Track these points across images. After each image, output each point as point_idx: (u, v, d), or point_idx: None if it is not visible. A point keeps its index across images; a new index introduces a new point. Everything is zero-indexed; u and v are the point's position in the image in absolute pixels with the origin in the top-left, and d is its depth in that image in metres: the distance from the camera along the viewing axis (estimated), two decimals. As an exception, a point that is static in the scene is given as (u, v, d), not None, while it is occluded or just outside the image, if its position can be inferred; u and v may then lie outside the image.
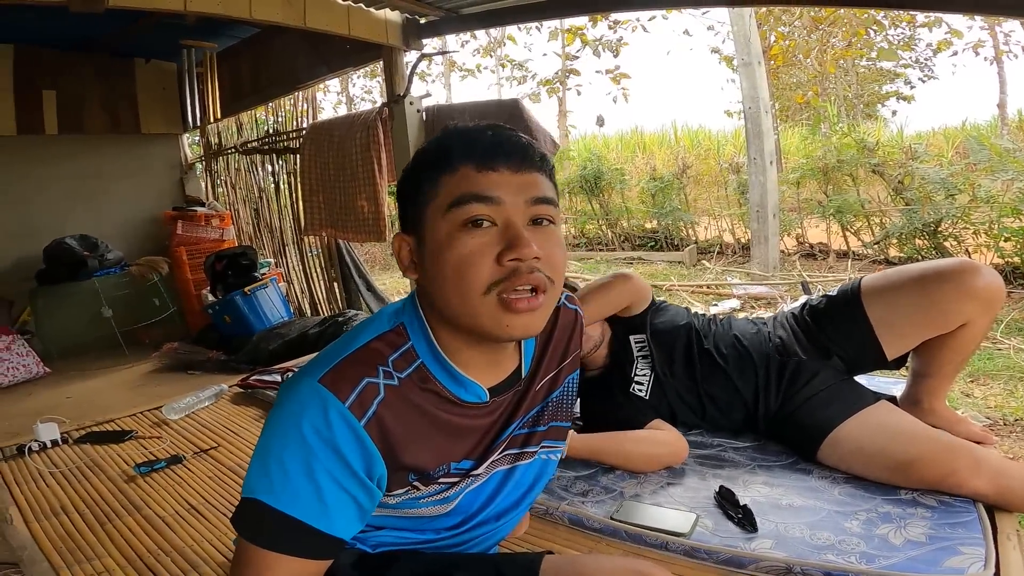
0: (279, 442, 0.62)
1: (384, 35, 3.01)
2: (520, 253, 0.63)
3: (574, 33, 7.77)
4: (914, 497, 1.11)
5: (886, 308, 1.32)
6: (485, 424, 0.74)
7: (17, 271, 3.72)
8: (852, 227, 5.15)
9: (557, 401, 0.84)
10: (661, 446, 1.32)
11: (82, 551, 1.18)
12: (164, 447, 1.67)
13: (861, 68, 11.27)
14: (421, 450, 0.68)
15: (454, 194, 0.65)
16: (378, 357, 0.66)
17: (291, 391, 0.64)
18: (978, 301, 1.21)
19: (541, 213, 0.67)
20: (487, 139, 0.67)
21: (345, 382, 0.63)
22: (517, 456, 0.80)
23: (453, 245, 0.64)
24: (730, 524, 1.08)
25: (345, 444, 0.61)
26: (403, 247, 0.71)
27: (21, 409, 2.89)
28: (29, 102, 3.79)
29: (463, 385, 0.71)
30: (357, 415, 0.62)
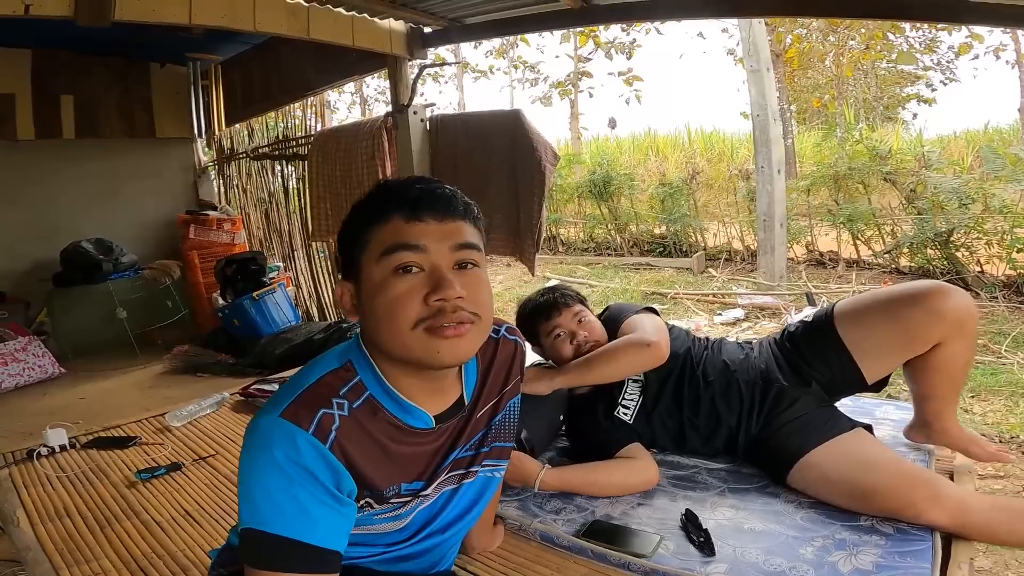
0: (259, 474, 0.67)
1: (388, 45, 3.06)
2: (444, 294, 0.70)
3: (587, 35, 7.78)
4: (873, 524, 1.13)
5: (860, 333, 1.34)
6: (432, 449, 0.81)
7: (35, 273, 3.84)
8: (863, 236, 5.10)
9: (499, 424, 0.91)
10: (632, 476, 1.35)
11: (82, 553, 1.25)
12: (165, 454, 1.73)
13: (881, 71, 11.11)
14: (374, 472, 0.75)
15: (385, 243, 0.72)
16: (330, 391, 0.73)
17: (257, 429, 0.70)
18: (947, 323, 1.24)
19: (465, 258, 0.74)
20: (415, 192, 0.74)
21: (304, 414, 0.69)
22: (463, 476, 0.87)
23: (385, 289, 0.71)
24: (691, 547, 1.11)
25: (315, 466, 0.68)
26: (345, 293, 0.78)
27: (36, 409, 2.99)
28: (47, 106, 3.90)
29: (410, 413, 0.78)
30: (321, 440, 0.69)
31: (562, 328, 1.52)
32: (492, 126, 2.92)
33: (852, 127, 6.26)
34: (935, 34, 9.06)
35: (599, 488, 1.34)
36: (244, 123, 4.55)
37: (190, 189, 4.71)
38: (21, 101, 3.78)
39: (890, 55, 9.51)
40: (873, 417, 1.62)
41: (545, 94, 9.81)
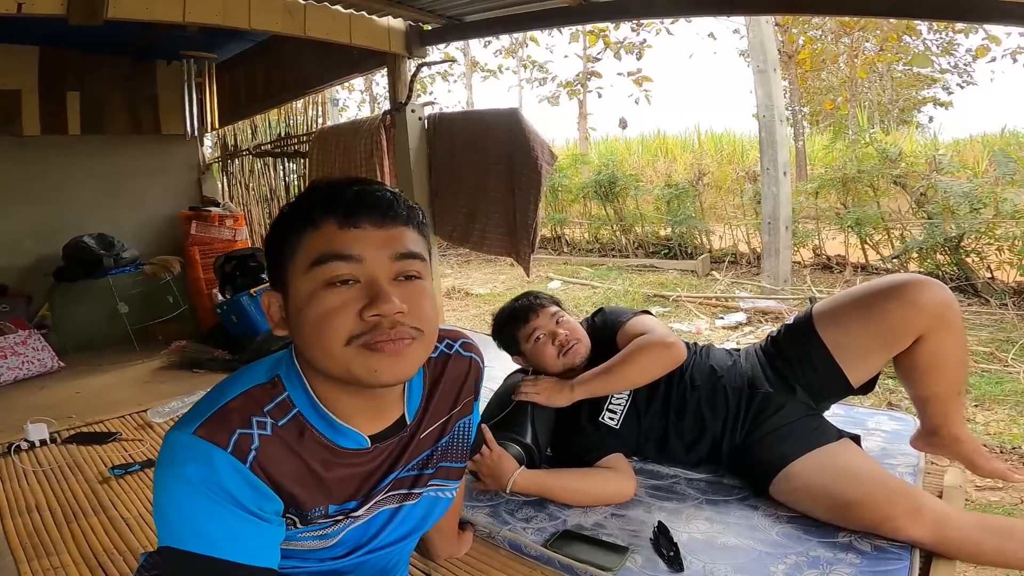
0: (171, 493, 0.62)
1: (387, 43, 3.05)
2: (381, 309, 0.63)
3: (596, 35, 7.72)
4: (851, 541, 1.09)
5: (839, 332, 1.32)
6: (367, 470, 0.75)
7: (37, 268, 3.87)
8: (871, 240, 5.01)
9: (447, 446, 0.85)
10: (608, 487, 1.32)
11: (44, 547, 1.25)
12: (143, 450, 1.73)
13: (897, 73, 10.95)
14: (299, 493, 0.69)
15: (316, 252, 0.65)
16: (251, 408, 0.67)
17: (169, 447, 0.64)
18: (924, 314, 1.20)
19: (406, 269, 0.67)
20: (350, 194, 0.66)
21: (220, 432, 0.63)
22: (404, 496, 0.81)
23: (314, 303, 0.64)
24: (660, 561, 1.08)
25: (234, 486, 0.63)
26: (272, 303, 0.70)
27: (32, 403, 3.00)
28: (53, 103, 3.93)
29: (342, 433, 0.72)
30: (240, 459, 0.63)
31: (541, 329, 1.50)
32: (490, 125, 2.90)
33: (864, 129, 6.16)
34: (952, 36, 8.89)
35: (573, 496, 1.31)
36: (247, 120, 4.57)
37: (193, 186, 4.72)
38: (28, 97, 3.81)
39: (905, 57, 9.36)
40: (865, 427, 1.58)
41: (553, 94, 9.76)
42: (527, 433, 1.39)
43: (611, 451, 1.40)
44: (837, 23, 7.77)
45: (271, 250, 0.71)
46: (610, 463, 1.38)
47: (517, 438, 1.37)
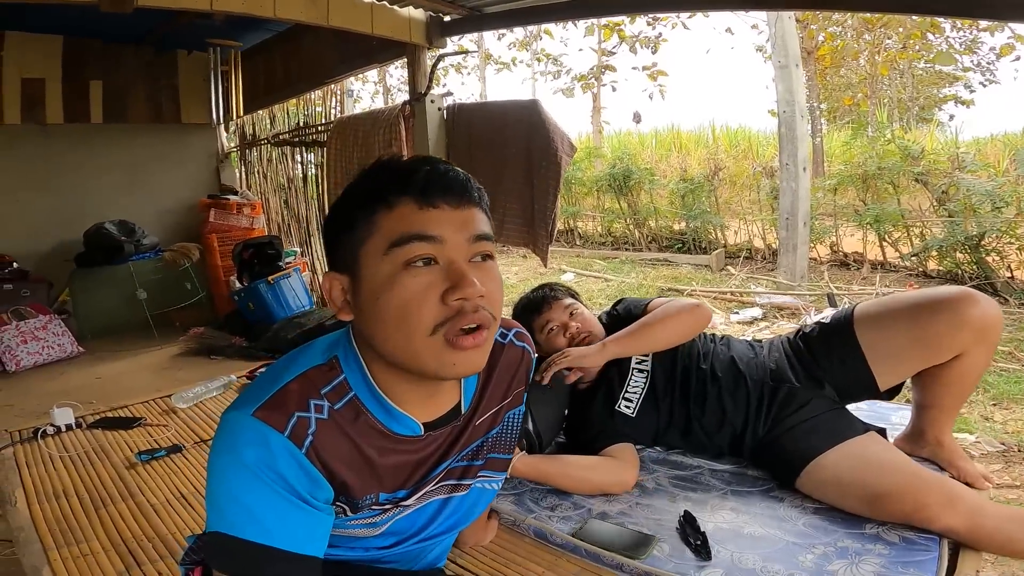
0: (226, 476, 0.62)
1: (407, 33, 3.04)
2: (465, 293, 0.62)
3: (611, 29, 7.66)
4: (878, 532, 1.09)
5: (879, 337, 1.30)
6: (419, 458, 0.74)
7: (59, 253, 3.92)
8: (890, 237, 4.96)
9: (497, 437, 0.84)
10: (607, 475, 1.31)
11: (73, 534, 1.25)
12: (168, 435, 1.74)
13: (918, 71, 10.79)
14: (351, 480, 0.68)
15: (395, 233, 0.63)
16: (309, 391, 0.66)
17: (227, 427, 0.63)
18: (972, 331, 1.20)
19: (482, 250, 0.66)
20: (425, 173, 0.64)
21: (277, 415, 0.63)
22: (454, 487, 0.80)
23: (395, 286, 0.62)
24: (687, 550, 1.08)
25: (289, 471, 0.62)
26: (335, 286, 0.68)
27: (52, 388, 3.05)
28: (77, 92, 3.97)
29: (397, 419, 0.71)
30: (296, 444, 0.63)
31: (554, 322, 1.51)
32: (509, 115, 2.89)
33: (884, 126, 6.08)
34: (976, 34, 8.74)
35: (571, 482, 1.31)
36: (267, 110, 4.59)
37: (213, 174, 4.76)
38: (51, 86, 3.85)
39: (928, 55, 9.21)
40: (889, 422, 1.56)
41: (567, 86, 9.71)
42: (527, 420, 1.40)
43: (619, 440, 1.40)
44: (859, 20, 7.66)
45: (335, 231, 0.68)
46: (615, 452, 1.37)
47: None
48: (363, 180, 0.68)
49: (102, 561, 1.17)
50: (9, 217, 3.84)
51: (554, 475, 1.32)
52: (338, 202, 0.69)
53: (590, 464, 1.33)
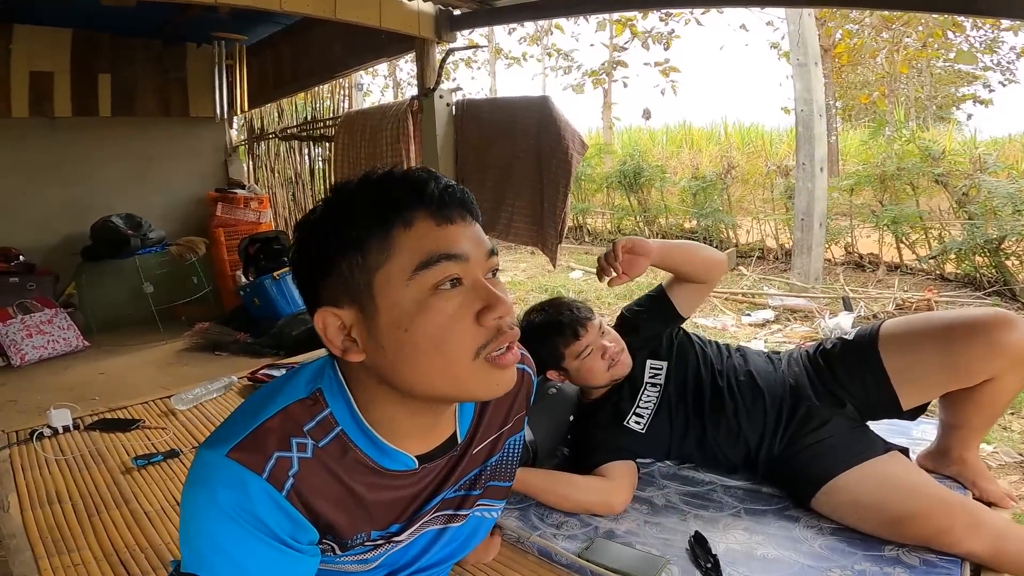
0: (200, 518, 0.58)
1: (416, 27, 2.99)
2: (500, 311, 0.58)
3: (623, 24, 7.56)
4: (898, 555, 1.04)
5: (905, 359, 1.23)
6: (412, 492, 0.70)
7: (66, 247, 3.92)
8: (907, 239, 4.85)
9: (496, 464, 0.79)
10: (592, 495, 1.25)
11: (65, 542, 1.21)
12: (166, 439, 1.70)
13: (937, 69, 10.60)
14: (339, 520, 0.64)
15: (421, 253, 0.57)
16: (291, 428, 0.61)
17: (202, 467, 0.59)
18: (1008, 358, 1.13)
19: (494, 266, 0.62)
20: (437, 187, 0.59)
21: (255, 456, 0.58)
22: (450, 518, 0.76)
23: (428, 312, 0.57)
24: (697, 572, 1.03)
25: (268, 515, 0.58)
26: (331, 324, 0.60)
27: (56, 383, 3.04)
28: (85, 85, 3.97)
29: (388, 455, 0.66)
30: (276, 487, 0.58)
31: (592, 344, 1.39)
32: (519, 112, 2.84)
33: (902, 125, 5.94)
34: (997, 34, 8.55)
35: (554, 498, 1.27)
36: (275, 103, 4.56)
37: (220, 168, 4.75)
38: (60, 79, 3.85)
39: (948, 54, 9.03)
40: (909, 437, 1.50)
41: (578, 82, 9.61)
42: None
43: (621, 456, 1.33)
44: (878, 17, 7.51)
45: (330, 260, 0.59)
46: (611, 470, 1.30)
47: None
48: (362, 197, 0.59)
49: (92, 571, 1.13)
50: (16, 210, 3.84)
51: (538, 490, 1.28)
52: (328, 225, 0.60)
53: (576, 482, 1.28)
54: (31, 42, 3.67)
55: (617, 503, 1.24)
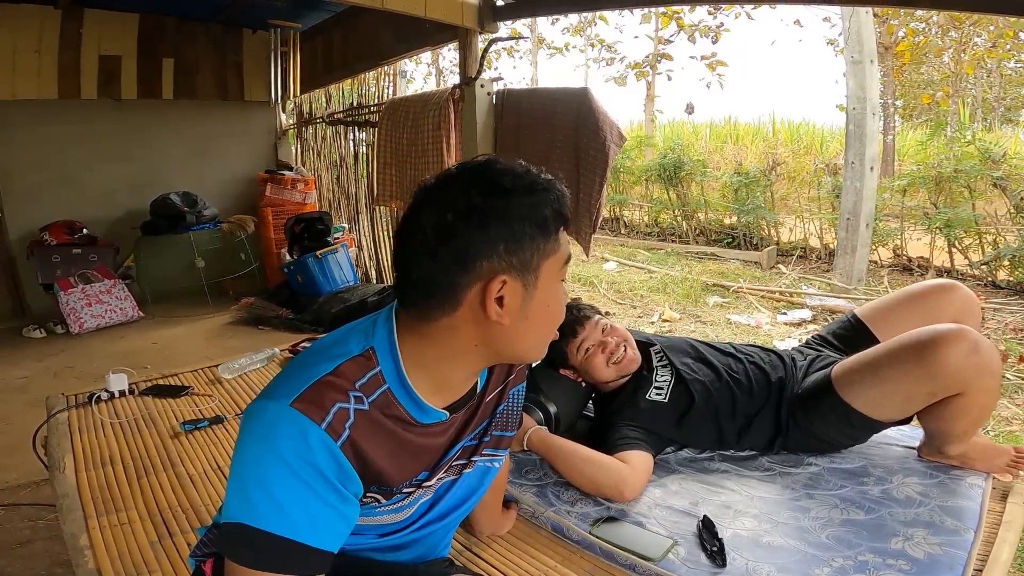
0: (258, 466, 0.61)
1: (460, 17, 3.04)
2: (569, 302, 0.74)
3: (669, 16, 7.42)
4: (904, 547, 1.04)
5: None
6: (441, 441, 0.78)
7: (127, 221, 4.16)
8: (960, 243, 4.66)
9: (503, 413, 0.87)
10: (607, 475, 1.27)
11: (114, 502, 1.28)
12: (212, 406, 1.79)
13: (1007, 70, 10.04)
14: (388, 468, 0.70)
15: (564, 255, 0.72)
16: (347, 383, 0.66)
17: (262, 416, 0.63)
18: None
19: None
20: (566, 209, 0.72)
21: (317, 406, 0.63)
22: (464, 466, 0.84)
23: (558, 295, 0.73)
24: (702, 556, 1.06)
25: (324, 464, 0.63)
26: (493, 291, 0.66)
27: (111, 351, 3.24)
28: (150, 68, 4.18)
29: (423, 410, 0.73)
30: (333, 437, 0.63)
31: (589, 341, 1.49)
32: (558, 103, 2.85)
33: (965, 127, 5.66)
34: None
35: (571, 469, 1.30)
36: (323, 89, 4.70)
37: (270, 150, 4.94)
38: (127, 62, 4.06)
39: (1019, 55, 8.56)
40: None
41: (621, 74, 9.48)
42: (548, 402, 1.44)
43: (641, 445, 1.35)
44: (946, 16, 7.16)
45: (512, 233, 0.66)
46: (629, 457, 1.32)
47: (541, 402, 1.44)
48: (540, 198, 0.68)
49: (136, 530, 1.20)
50: (84, 185, 4.09)
51: (559, 456, 1.32)
52: (511, 203, 0.66)
53: (595, 459, 1.30)
54: (101, 26, 3.88)
55: (627, 490, 1.25)
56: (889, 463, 1.33)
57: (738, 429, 1.42)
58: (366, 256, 4.52)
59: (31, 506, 1.96)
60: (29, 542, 1.80)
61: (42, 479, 2.01)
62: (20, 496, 2.02)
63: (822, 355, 1.47)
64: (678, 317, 3.95)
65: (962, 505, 1.16)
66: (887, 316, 1.45)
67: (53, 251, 3.72)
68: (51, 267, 3.67)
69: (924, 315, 1.38)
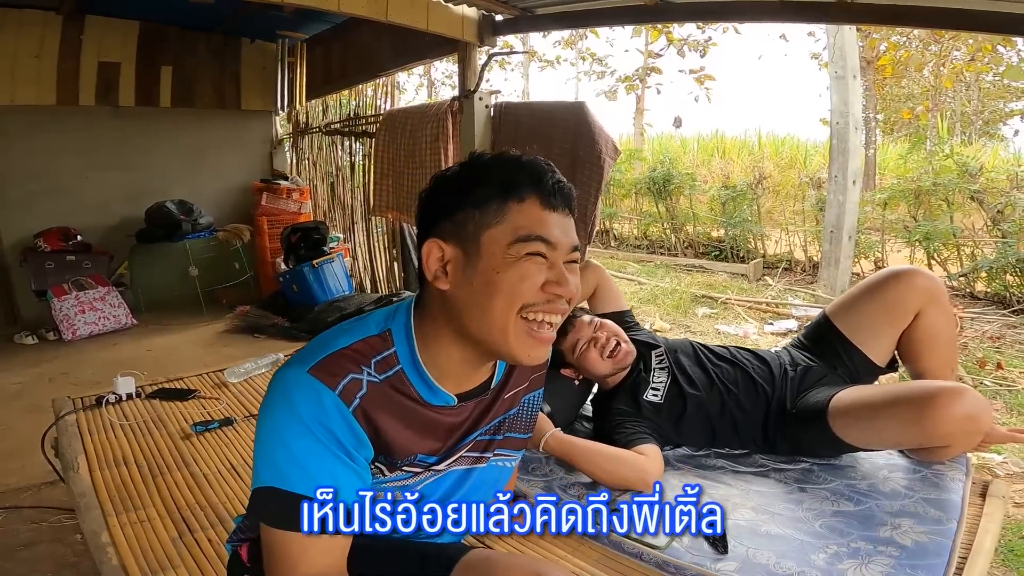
0: (279, 428, 0.68)
1: (460, 31, 3.12)
2: (562, 291, 0.72)
3: (659, 31, 7.60)
4: (892, 535, 1.12)
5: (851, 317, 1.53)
6: (452, 423, 0.81)
7: (122, 228, 4.16)
8: (939, 256, 4.81)
9: (515, 416, 0.91)
10: (632, 469, 1.32)
11: (132, 500, 1.32)
12: (220, 408, 1.82)
13: (986, 83, 10.36)
14: (394, 439, 0.75)
15: (522, 229, 0.71)
16: (362, 357, 0.73)
17: (283, 381, 0.70)
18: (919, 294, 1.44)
19: (574, 258, 0.76)
20: (552, 177, 0.73)
21: (331, 374, 0.69)
22: (476, 459, 0.87)
23: (514, 268, 0.71)
24: (705, 544, 1.12)
25: (337, 427, 0.68)
26: (433, 253, 0.74)
27: (107, 359, 3.23)
28: (149, 76, 4.19)
29: (434, 393, 0.78)
30: (345, 403, 0.69)
31: (582, 339, 1.56)
32: (555, 116, 2.94)
33: (944, 140, 5.86)
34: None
35: (595, 467, 1.34)
36: (320, 99, 4.75)
37: (266, 159, 4.97)
38: (126, 70, 4.07)
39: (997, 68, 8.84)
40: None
41: (611, 88, 9.65)
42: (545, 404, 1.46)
43: (645, 438, 1.41)
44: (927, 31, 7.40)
45: (454, 203, 0.73)
46: (644, 451, 1.38)
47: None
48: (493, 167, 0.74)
49: (157, 527, 1.24)
50: (78, 193, 4.09)
51: (581, 456, 1.36)
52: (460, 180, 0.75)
53: (616, 455, 1.36)
54: (102, 33, 3.89)
55: (651, 479, 1.32)
56: (875, 459, 1.42)
57: (728, 432, 1.50)
58: (361, 266, 4.56)
59: (34, 508, 1.95)
60: (33, 544, 1.80)
61: (44, 482, 2.02)
62: (22, 499, 2.01)
63: (811, 370, 1.51)
64: (668, 328, 4.03)
65: (944, 498, 1.24)
66: (850, 312, 1.54)
67: (47, 258, 3.72)
68: (45, 274, 3.67)
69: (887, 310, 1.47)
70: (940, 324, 1.45)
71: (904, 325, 1.46)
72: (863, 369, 1.52)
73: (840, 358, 1.53)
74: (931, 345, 1.46)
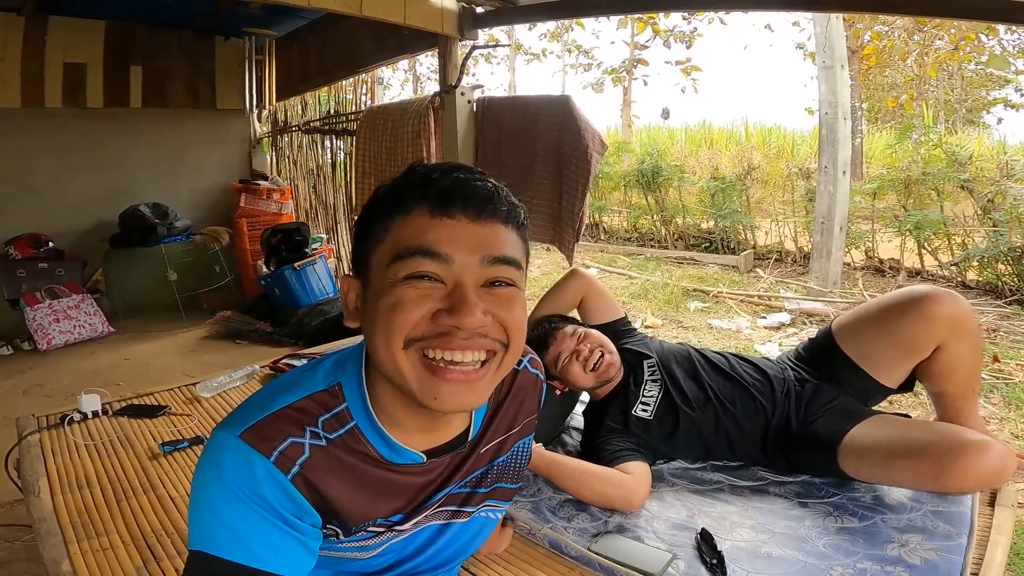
0: (209, 495, 0.59)
1: (440, 24, 3.02)
2: (460, 321, 0.57)
3: (645, 22, 7.52)
4: (900, 554, 1.05)
5: (859, 346, 1.38)
6: (420, 483, 0.71)
7: (95, 233, 4.03)
8: (930, 245, 4.78)
9: (503, 465, 0.80)
10: (616, 488, 1.27)
11: (94, 526, 1.23)
12: (192, 426, 1.73)
13: (968, 72, 10.40)
14: (348, 505, 0.66)
15: (402, 243, 0.59)
16: (306, 418, 0.63)
17: (213, 444, 0.61)
18: (941, 328, 1.26)
19: (499, 275, 0.60)
20: (449, 179, 0.59)
21: (265, 439, 0.60)
22: (454, 514, 0.77)
23: (393, 291, 0.58)
24: (703, 569, 1.05)
25: (272, 495, 0.60)
26: (351, 291, 0.65)
27: (81, 368, 3.12)
28: (118, 76, 4.06)
29: (396, 452, 0.67)
30: (282, 470, 0.60)
31: (565, 352, 1.49)
32: (540, 111, 2.85)
33: (930, 128, 5.84)
34: (1032, 37, 8.34)
35: (579, 486, 1.28)
36: (299, 97, 4.63)
37: (245, 159, 4.84)
38: (93, 70, 3.94)
39: (980, 57, 8.86)
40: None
41: (598, 80, 9.57)
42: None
43: (634, 456, 1.35)
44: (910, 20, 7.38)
45: (359, 233, 0.65)
46: (630, 469, 1.32)
47: None
48: (391, 183, 0.64)
49: (120, 555, 1.16)
50: (48, 198, 3.96)
51: (564, 474, 1.30)
52: (367, 204, 0.66)
53: (601, 473, 1.30)
54: (66, 33, 3.76)
55: (636, 499, 1.26)
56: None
57: (723, 448, 1.43)
58: (345, 267, 4.45)
59: (6, 527, 1.87)
60: (7, 563, 1.72)
61: (15, 499, 1.93)
62: (-7, 517, 1.93)
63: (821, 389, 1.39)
64: (660, 323, 3.97)
65: (953, 510, 1.18)
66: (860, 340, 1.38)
67: (18, 265, 3.59)
68: (16, 282, 3.54)
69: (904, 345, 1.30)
70: (964, 353, 1.29)
71: (922, 358, 1.31)
72: (873, 390, 1.40)
73: (849, 383, 1.40)
74: (951, 373, 1.31)
